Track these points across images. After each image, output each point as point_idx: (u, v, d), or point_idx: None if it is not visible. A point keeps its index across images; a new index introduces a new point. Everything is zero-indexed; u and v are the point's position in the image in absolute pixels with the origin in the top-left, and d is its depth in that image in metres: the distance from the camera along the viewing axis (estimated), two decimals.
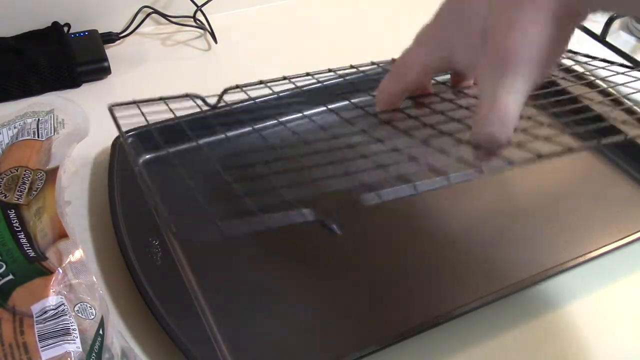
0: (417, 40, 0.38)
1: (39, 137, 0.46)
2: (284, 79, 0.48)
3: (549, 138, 0.36)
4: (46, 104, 0.50)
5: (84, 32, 0.64)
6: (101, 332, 0.35)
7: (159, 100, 0.46)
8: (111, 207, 0.45)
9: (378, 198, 0.33)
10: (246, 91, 0.47)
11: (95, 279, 0.38)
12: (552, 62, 0.32)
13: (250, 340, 0.39)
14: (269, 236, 0.42)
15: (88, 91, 0.60)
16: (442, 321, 0.39)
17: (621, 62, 0.55)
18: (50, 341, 0.33)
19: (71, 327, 0.34)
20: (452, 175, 0.34)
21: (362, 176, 0.35)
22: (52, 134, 0.47)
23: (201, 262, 0.42)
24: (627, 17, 0.76)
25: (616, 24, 0.73)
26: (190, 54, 0.66)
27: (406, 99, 0.41)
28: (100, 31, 0.64)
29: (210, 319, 0.39)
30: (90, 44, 0.62)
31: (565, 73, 0.58)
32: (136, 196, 0.46)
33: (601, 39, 0.70)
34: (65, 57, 0.59)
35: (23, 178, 0.43)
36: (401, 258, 0.45)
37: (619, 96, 0.57)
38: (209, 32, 0.68)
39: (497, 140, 0.32)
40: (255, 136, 0.52)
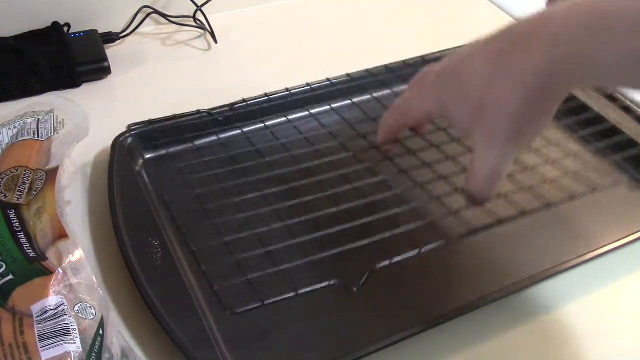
0: (419, 87, 0.41)
1: (39, 137, 0.46)
2: (287, 91, 0.55)
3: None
4: (46, 104, 0.50)
5: (84, 32, 0.63)
6: (101, 332, 0.35)
7: (173, 120, 0.52)
8: (111, 207, 0.45)
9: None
10: (251, 104, 0.53)
11: (95, 279, 0.38)
12: (540, 132, 0.36)
13: (250, 340, 0.39)
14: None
15: (88, 91, 0.60)
16: (442, 321, 0.39)
17: None
18: (50, 341, 0.33)
19: (71, 327, 0.34)
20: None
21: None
22: (52, 134, 0.47)
23: (201, 262, 0.42)
24: None
25: None
26: (190, 54, 0.66)
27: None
28: (100, 31, 0.64)
29: (210, 319, 0.39)
30: (90, 44, 0.62)
31: None
32: (136, 196, 0.46)
33: None
34: (65, 57, 0.59)
35: (23, 178, 0.43)
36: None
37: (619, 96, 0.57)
38: (209, 32, 0.68)
39: (485, 196, 0.38)
40: (255, 137, 0.52)
